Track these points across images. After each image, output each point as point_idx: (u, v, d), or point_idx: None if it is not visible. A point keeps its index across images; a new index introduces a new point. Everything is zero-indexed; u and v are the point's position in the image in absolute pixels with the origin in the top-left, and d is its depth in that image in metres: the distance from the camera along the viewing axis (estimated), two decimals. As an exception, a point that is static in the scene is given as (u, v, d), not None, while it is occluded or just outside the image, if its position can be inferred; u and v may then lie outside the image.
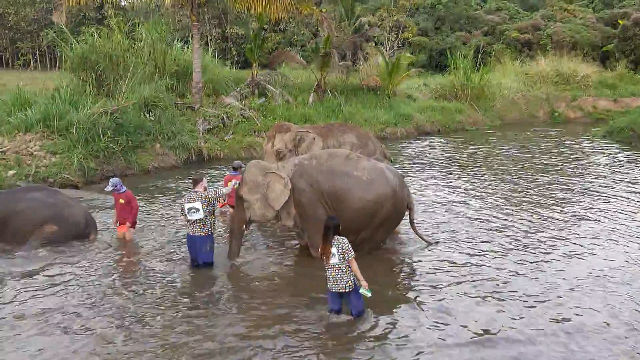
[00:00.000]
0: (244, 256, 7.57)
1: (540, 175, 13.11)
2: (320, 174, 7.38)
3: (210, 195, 7.09)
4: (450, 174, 13.44)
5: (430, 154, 16.46)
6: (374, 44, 35.38)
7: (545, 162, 14.94)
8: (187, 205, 7.07)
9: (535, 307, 6.19)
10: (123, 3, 38.50)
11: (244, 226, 7.33)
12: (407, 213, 7.97)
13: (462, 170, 13.91)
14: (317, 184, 7.30)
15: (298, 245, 8.09)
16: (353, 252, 5.65)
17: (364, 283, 5.63)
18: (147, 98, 14.51)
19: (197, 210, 7.00)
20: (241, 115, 16.62)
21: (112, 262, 7.48)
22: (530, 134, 20.84)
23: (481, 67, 23.88)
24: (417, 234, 8.12)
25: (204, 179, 7.38)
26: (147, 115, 14.25)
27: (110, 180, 8.02)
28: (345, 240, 5.69)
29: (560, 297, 6.44)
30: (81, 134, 12.40)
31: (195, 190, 7.17)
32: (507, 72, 27.11)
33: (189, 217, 7.07)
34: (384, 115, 19.94)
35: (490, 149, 17.30)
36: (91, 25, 19.29)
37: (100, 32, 17.04)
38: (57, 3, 16.47)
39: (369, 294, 5.65)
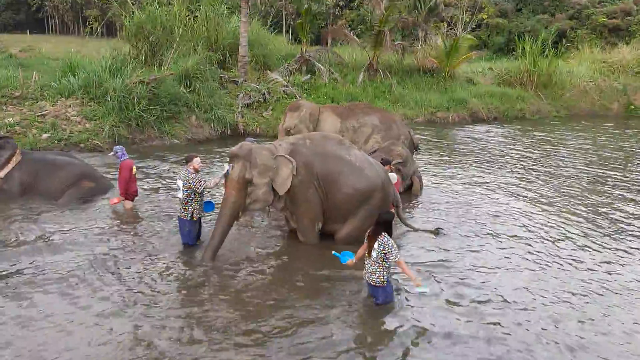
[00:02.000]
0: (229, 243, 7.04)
1: (597, 170, 12.18)
2: (315, 155, 7.06)
3: (192, 179, 6.73)
4: (493, 163, 12.61)
5: (480, 141, 15.51)
6: (446, 25, 34.08)
7: (607, 157, 13.78)
8: (177, 181, 6.96)
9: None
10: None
11: (240, 213, 6.82)
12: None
13: (510, 160, 13.01)
14: (311, 165, 6.97)
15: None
16: (398, 254, 5.48)
17: (417, 282, 5.53)
18: (188, 70, 14.56)
19: (179, 189, 6.86)
20: (283, 91, 16.40)
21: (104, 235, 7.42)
22: (599, 126, 19.28)
23: (550, 53, 22.20)
24: (412, 227, 7.71)
25: (197, 159, 6.98)
26: (185, 86, 14.30)
27: (114, 147, 8.09)
28: (391, 242, 5.50)
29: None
30: (116, 101, 12.65)
31: (187, 168, 6.99)
32: (583, 59, 25.18)
33: (175, 193, 6.96)
34: (436, 98, 19.08)
35: (548, 140, 16.12)
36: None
37: (158, 2, 17.33)
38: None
39: (427, 289, 5.66)
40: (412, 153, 10.33)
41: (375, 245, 5.49)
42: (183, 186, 6.74)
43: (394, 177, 7.85)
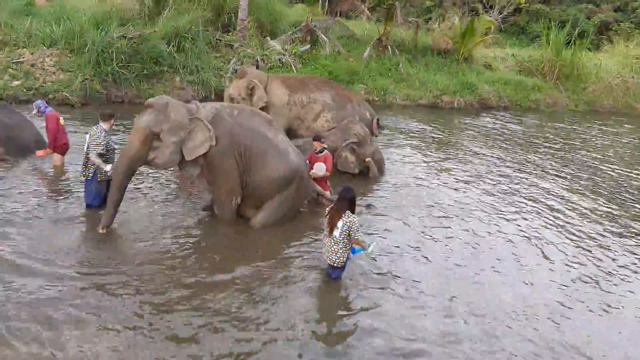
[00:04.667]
0: (145, 213, 6.77)
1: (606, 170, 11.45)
2: (241, 127, 6.61)
3: (95, 137, 6.44)
4: (494, 154, 11.88)
5: (482, 130, 14.68)
6: (481, 6, 32.62)
7: (613, 158, 12.87)
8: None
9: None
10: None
11: (137, 167, 6.33)
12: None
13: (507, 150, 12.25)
14: (234, 135, 6.50)
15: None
16: (360, 233, 5.44)
17: (367, 245, 5.44)
18: (178, 29, 14.14)
19: (85, 144, 6.54)
20: (279, 60, 15.82)
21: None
22: (615, 124, 18.07)
23: (576, 43, 20.87)
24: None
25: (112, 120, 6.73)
26: (174, 46, 13.90)
27: (35, 102, 7.72)
28: (356, 219, 5.42)
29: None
30: (93, 54, 12.33)
31: (100, 125, 6.63)
32: (615, 53, 23.66)
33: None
34: (444, 80, 18.16)
35: (555, 132, 15.16)
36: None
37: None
38: None
39: (373, 245, 5.50)
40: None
41: (339, 224, 5.34)
42: (88, 141, 6.44)
43: (321, 167, 7.30)
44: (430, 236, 7.08)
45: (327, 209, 5.67)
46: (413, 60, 19.21)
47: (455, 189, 9.10)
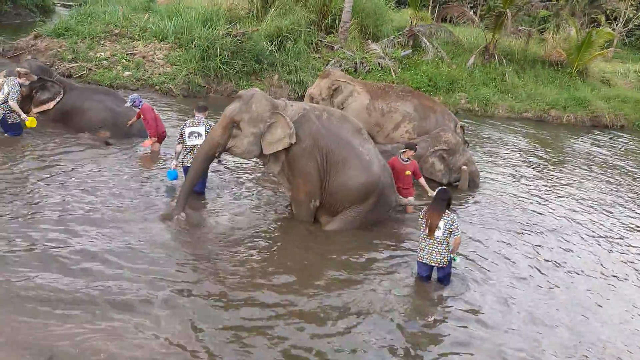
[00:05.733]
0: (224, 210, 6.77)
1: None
2: (327, 130, 6.49)
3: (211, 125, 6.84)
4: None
5: (592, 148, 13.57)
6: (604, 18, 30.47)
7: None
8: (188, 130, 6.87)
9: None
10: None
11: (217, 153, 6.45)
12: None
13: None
14: (320, 139, 6.40)
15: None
16: (460, 232, 5.48)
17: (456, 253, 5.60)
18: (280, 28, 14.40)
19: (200, 135, 6.82)
20: (377, 63, 15.61)
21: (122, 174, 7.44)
22: None
23: None
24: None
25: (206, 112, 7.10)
26: (276, 45, 14.17)
27: (130, 96, 8.08)
28: (456, 217, 5.50)
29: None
30: (199, 50, 12.83)
31: (203, 117, 6.98)
32: None
33: (189, 142, 6.85)
34: (553, 94, 17.02)
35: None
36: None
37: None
38: None
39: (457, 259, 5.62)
40: None
41: (441, 223, 5.36)
42: (205, 131, 6.82)
43: (410, 200, 7.16)
44: (517, 260, 6.55)
45: (421, 212, 5.65)
46: (521, 71, 18.27)
47: (553, 211, 8.38)
